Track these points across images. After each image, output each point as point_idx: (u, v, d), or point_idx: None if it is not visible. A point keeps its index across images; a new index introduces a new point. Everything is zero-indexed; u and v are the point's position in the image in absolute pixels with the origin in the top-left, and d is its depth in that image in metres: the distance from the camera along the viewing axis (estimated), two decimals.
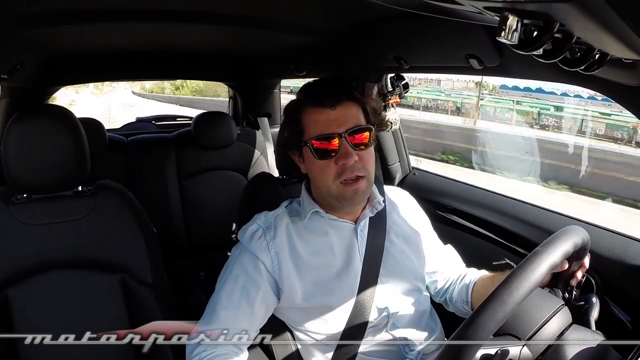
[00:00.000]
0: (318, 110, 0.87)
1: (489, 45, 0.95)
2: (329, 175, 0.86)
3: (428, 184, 1.64)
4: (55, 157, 1.02)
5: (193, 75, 2.67)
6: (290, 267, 0.89)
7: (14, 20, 1.09)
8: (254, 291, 0.87)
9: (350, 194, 0.87)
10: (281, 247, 0.90)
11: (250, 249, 0.90)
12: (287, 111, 0.95)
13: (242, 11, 1.27)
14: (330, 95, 0.87)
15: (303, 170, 0.94)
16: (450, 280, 1.04)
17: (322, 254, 0.91)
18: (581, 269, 0.78)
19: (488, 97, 14.88)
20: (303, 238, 0.91)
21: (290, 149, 0.94)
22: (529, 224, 1.21)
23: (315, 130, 0.86)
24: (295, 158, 0.94)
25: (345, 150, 0.85)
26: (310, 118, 0.88)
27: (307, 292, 0.88)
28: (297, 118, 0.89)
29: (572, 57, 0.54)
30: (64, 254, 1.04)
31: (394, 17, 1.10)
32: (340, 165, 0.85)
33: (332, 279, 0.89)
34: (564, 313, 0.70)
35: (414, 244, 0.99)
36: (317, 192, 0.94)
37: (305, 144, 0.87)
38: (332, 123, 0.85)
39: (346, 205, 0.91)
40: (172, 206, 1.97)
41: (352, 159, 0.84)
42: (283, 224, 0.92)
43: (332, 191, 0.87)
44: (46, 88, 2.09)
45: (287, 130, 0.93)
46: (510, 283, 0.58)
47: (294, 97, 0.95)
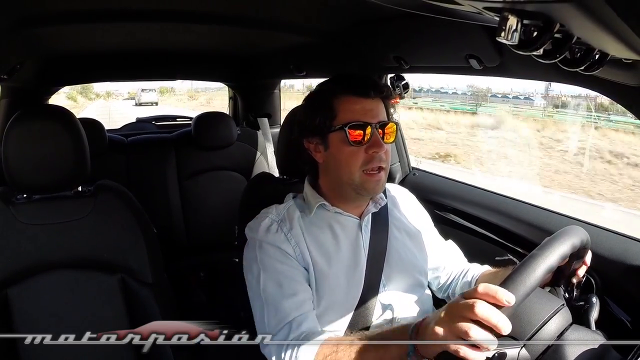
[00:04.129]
0: (356, 99, 0.88)
1: (489, 46, 0.95)
2: (357, 162, 0.87)
3: (428, 184, 1.64)
4: (55, 157, 1.02)
5: (193, 75, 2.67)
6: (308, 259, 0.89)
7: (14, 21, 1.10)
8: (298, 275, 0.87)
9: (373, 185, 0.89)
10: (299, 239, 0.90)
11: (269, 242, 0.89)
12: (315, 97, 0.94)
13: (242, 11, 1.27)
14: (371, 87, 0.89)
15: (319, 160, 0.93)
16: (452, 275, 1.05)
17: (330, 250, 0.91)
18: (582, 267, 0.78)
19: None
20: (311, 234, 0.91)
21: (309, 136, 0.93)
22: (528, 224, 1.21)
23: (351, 117, 0.87)
24: (312, 146, 0.93)
25: (377, 139, 0.87)
26: (346, 105, 0.88)
27: (316, 288, 0.88)
28: (329, 104, 0.89)
29: (572, 58, 0.54)
30: (64, 254, 1.04)
31: (394, 17, 1.11)
32: (369, 154, 0.87)
33: (339, 275, 0.90)
34: (564, 313, 0.70)
35: (416, 239, 1.00)
36: (332, 182, 0.93)
37: (339, 129, 0.88)
38: (368, 113, 0.88)
39: (363, 196, 0.92)
40: (172, 206, 1.98)
41: (383, 149, 0.87)
42: (295, 216, 0.92)
43: (355, 179, 0.88)
44: (46, 88, 2.09)
45: (313, 115, 0.92)
46: (507, 287, 0.58)
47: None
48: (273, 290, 0.85)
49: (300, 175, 1.08)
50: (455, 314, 0.59)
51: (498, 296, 0.56)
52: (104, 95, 21.14)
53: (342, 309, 0.89)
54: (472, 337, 0.56)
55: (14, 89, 1.80)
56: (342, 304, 0.89)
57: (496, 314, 0.56)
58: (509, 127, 9.75)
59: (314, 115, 0.91)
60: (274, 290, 0.85)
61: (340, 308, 0.89)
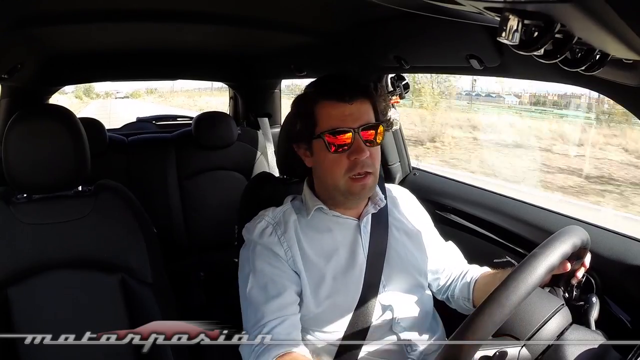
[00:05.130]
0: (334, 104, 0.87)
1: (490, 46, 0.95)
2: (340, 169, 0.87)
3: (428, 184, 1.64)
4: (55, 157, 1.01)
5: (193, 75, 2.67)
6: (300, 263, 0.89)
7: (14, 20, 1.10)
8: (286, 277, 0.88)
9: (358, 189, 0.88)
10: (292, 243, 0.90)
11: (262, 244, 0.90)
12: (298, 103, 0.94)
13: (243, 11, 1.27)
14: (348, 90, 0.87)
15: (309, 164, 0.94)
16: (452, 277, 1.04)
17: (327, 251, 0.91)
18: (582, 268, 0.78)
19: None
20: (308, 236, 0.91)
21: (297, 142, 0.93)
22: (528, 224, 1.21)
23: (330, 124, 0.86)
24: (301, 152, 0.93)
25: (358, 145, 0.86)
26: (324, 111, 0.88)
27: (314, 290, 0.88)
28: (309, 111, 0.89)
29: (572, 58, 0.54)
30: (64, 253, 1.04)
31: (394, 17, 1.11)
32: (352, 160, 0.86)
33: (337, 276, 0.89)
34: (564, 313, 0.70)
35: (416, 239, 1.00)
36: (322, 187, 0.94)
37: (318, 136, 0.87)
38: (347, 118, 0.86)
39: (352, 200, 0.92)
40: (173, 206, 1.97)
41: (364, 154, 0.86)
42: (291, 220, 0.92)
43: (340, 185, 0.88)
44: (46, 88, 2.09)
45: (297, 122, 0.92)
46: (508, 286, 0.58)
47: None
48: (257, 292, 0.86)
49: (300, 176, 1.08)
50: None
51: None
52: (103, 95, 23.58)
53: (342, 309, 0.89)
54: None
55: (14, 89, 1.79)
56: (342, 305, 0.89)
57: None
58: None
59: (297, 122, 0.92)
60: (258, 292, 0.86)
61: (340, 309, 0.89)
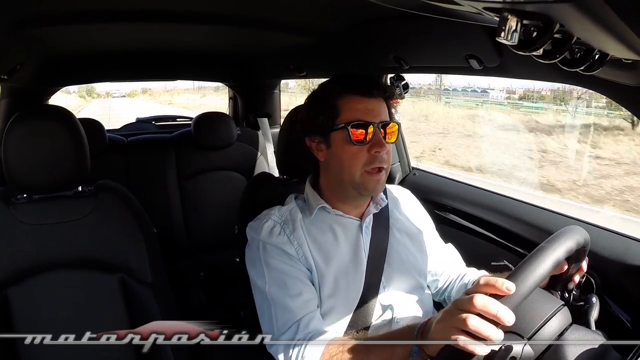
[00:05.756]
0: (359, 98, 0.89)
1: (489, 46, 0.95)
2: (359, 161, 0.88)
3: (428, 184, 1.64)
4: (55, 157, 1.02)
5: (193, 75, 2.67)
6: (311, 261, 0.89)
7: (14, 21, 1.10)
8: (303, 275, 0.88)
9: (373, 184, 0.89)
10: (301, 241, 0.90)
11: (273, 243, 0.90)
12: (318, 96, 0.95)
13: (242, 11, 1.27)
14: (375, 86, 0.89)
15: (321, 158, 0.94)
16: (450, 279, 1.05)
17: (330, 251, 0.91)
18: (579, 272, 0.78)
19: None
20: (312, 235, 0.92)
21: (312, 135, 0.93)
22: (528, 224, 1.21)
23: (355, 116, 0.87)
24: (315, 145, 0.93)
25: (379, 139, 0.87)
26: (349, 105, 0.89)
27: (317, 289, 0.89)
28: (332, 103, 0.90)
29: (572, 58, 0.54)
30: (64, 254, 1.04)
31: (394, 17, 1.11)
32: (371, 154, 0.87)
33: (339, 276, 0.90)
34: (564, 313, 0.70)
35: (417, 240, 1.00)
36: (333, 181, 0.93)
37: (341, 128, 0.88)
38: (370, 112, 0.88)
39: (363, 196, 0.93)
40: (172, 206, 1.97)
41: (385, 149, 0.87)
42: (298, 218, 0.93)
43: (356, 179, 0.89)
44: (46, 88, 2.09)
45: (316, 114, 0.92)
46: (517, 277, 0.58)
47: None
48: (279, 291, 0.86)
49: (300, 175, 1.08)
50: (456, 309, 0.59)
51: (497, 285, 0.57)
52: (103, 95, 24.77)
53: (342, 309, 0.89)
54: (469, 326, 0.56)
55: (14, 89, 1.80)
56: (342, 305, 0.89)
57: (495, 303, 0.56)
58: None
59: (316, 114, 0.92)
60: (280, 291, 0.86)
61: (341, 308, 0.89)
